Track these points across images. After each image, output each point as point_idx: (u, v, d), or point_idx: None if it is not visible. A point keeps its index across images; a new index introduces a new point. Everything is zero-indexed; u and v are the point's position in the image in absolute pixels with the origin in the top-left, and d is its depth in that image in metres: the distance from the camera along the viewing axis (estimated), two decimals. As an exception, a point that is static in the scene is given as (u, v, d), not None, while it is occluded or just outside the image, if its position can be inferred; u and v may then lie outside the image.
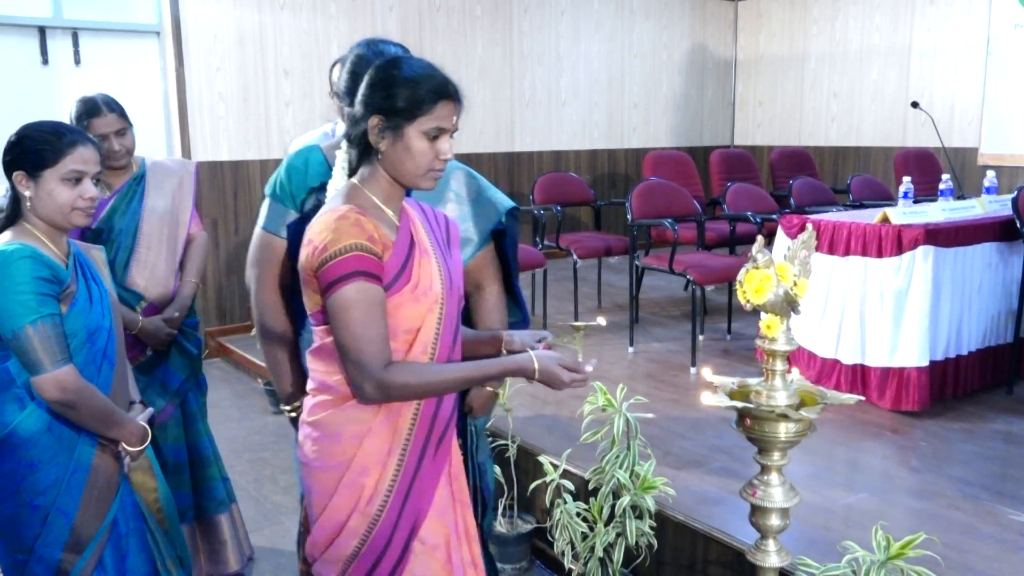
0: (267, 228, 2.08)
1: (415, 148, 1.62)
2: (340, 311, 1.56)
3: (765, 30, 8.53)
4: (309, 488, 1.72)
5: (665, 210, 5.04)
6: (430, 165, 1.65)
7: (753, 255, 1.80)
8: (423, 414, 1.69)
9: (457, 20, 6.84)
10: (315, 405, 1.71)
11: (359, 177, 1.71)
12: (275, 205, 2.07)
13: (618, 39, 7.96)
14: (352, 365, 1.57)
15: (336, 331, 1.58)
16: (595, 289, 6.00)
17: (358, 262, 1.56)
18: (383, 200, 1.68)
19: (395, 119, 1.61)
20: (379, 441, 1.66)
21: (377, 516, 1.65)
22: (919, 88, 7.28)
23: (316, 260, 1.57)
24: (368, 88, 1.65)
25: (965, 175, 6.81)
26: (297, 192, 2.04)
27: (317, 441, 1.68)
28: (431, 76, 1.65)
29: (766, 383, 1.83)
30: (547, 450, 3.13)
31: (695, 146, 8.47)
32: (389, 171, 1.66)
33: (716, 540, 2.67)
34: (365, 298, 1.56)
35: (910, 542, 2.09)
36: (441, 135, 1.65)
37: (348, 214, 1.59)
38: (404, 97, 1.60)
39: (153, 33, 5.66)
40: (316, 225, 1.61)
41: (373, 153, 1.67)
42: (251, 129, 5.98)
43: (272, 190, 2.09)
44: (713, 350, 4.78)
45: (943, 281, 3.80)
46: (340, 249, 1.55)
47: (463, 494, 1.84)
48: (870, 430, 3.61)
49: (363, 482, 1.65)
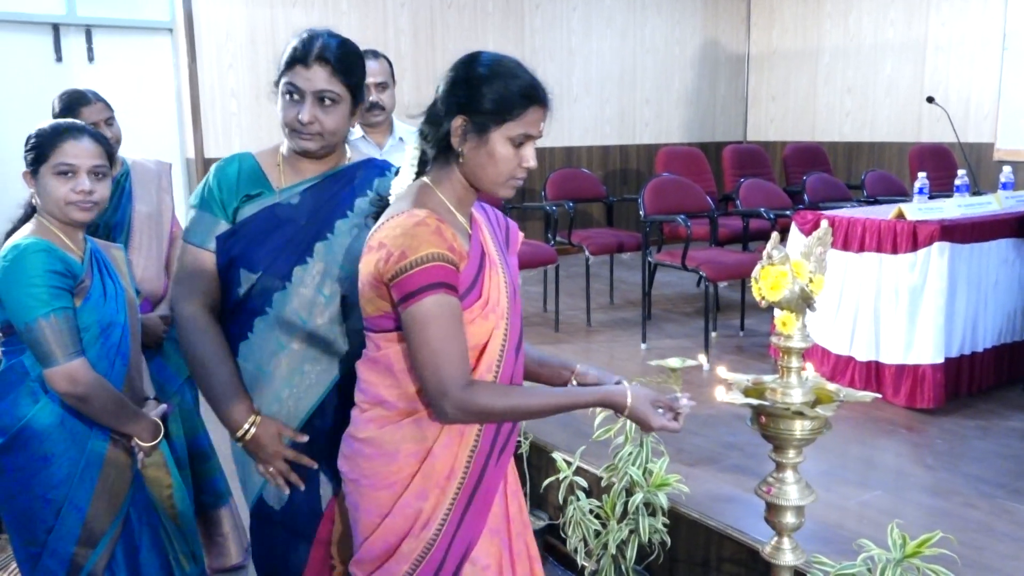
0: (193, 241, 1.82)
1: (499, 154, 1.53)
2: (419, 325, 1.46)
3: (778, 25, 8.48)
4: (356, 505, 1.63)
5: (677, 206, 5.02)
6: (512, 173, 1.56)
7: (768, 252, 1.79)
8: (485, 435, 1.61)
9: (468, 15, 6.84)
10: (367, 420, 1.61)
11: (431, 178, 1.61)
12: (203, 215, 1.82)
13: (630, 34, 7.93)
14: (431, 382, 1.48)
15: (414, 346, 1.48)
16: (607, 286, 5.99)
17: (440, 273, 1.46)
18: (456, 204, 1.59)
19: (481, 122, 1.52)
20: (440, 465, 1.57)
21: (432, 541, 1.57)
22: (934, 83, 7.22)
23: (391, 267, 1.46)
24: (452, 85, 1.55)
25: (981, 170, 6.76)
26: (228, 200, 1.82)
27: (370, 459, 1.59)
28: (522, 78, 1.54)
29: (781, 380, 1.82)
30: (560, 447, 3.12)
31: (707, 141, 8.44)
32: (467, 175, 1.57)
33: (730, 538, 2.65)
34: (445, 312, 1.47)
35: (926, 540, 2.08)
36: (527, 141, 1.55)
37: (428, 220, 1.48)
38: (492, 99, 1.50)
39: (166, 30, 5.68)
40: (390, 229, 1.50)
41: (451, 154, 1.57)
42: (263, 125, 5.99)
43: (199, 199, 1.84)
44: (726, 347, 4.76)
45: (958, 277, 3.77)
46: (421, 258, 1.45)
47: (522, 514, 1.75)
48: (884, 427, 3.59)
49: (421, 506, 1.57)
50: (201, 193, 1.84)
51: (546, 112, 1.57)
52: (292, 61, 1.77)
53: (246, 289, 1.79)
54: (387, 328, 1.56)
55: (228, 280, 1.81)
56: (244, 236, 1.79)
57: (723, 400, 1.80)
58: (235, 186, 1.83)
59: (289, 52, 1.79)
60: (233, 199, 1.82)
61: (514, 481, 1.73)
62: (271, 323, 1.79)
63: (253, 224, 1.79)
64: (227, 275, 1.81)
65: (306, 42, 1.77)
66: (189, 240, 1.82)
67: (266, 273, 1.78)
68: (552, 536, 3.12)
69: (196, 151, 5.72)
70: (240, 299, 1.80)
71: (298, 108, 1.76)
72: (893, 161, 7.50)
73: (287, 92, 1.78)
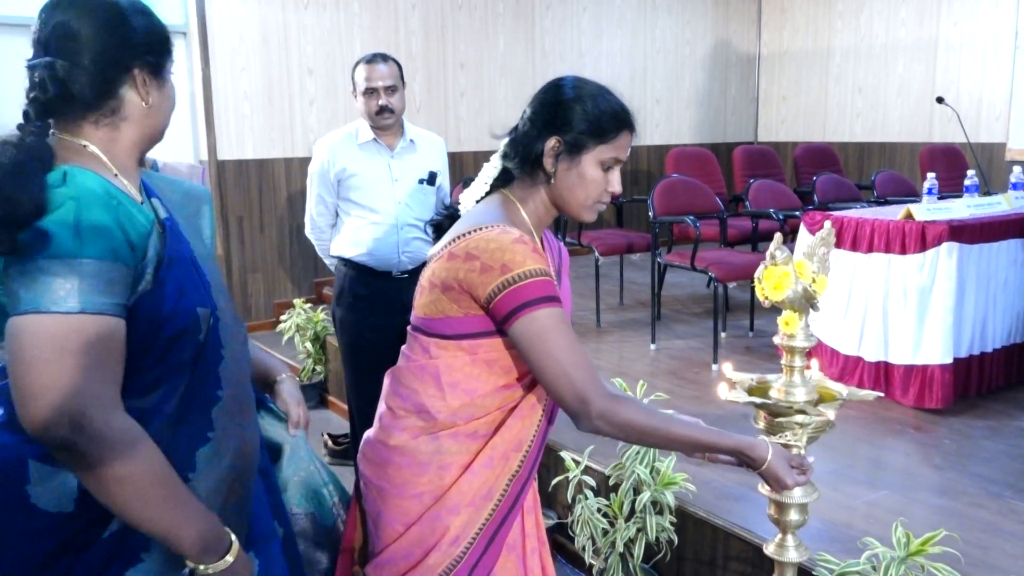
0: (93, 308, 1.16)
1: (589, 176, 1.56)
2: (539, 337, 1.45)
3: (789, 25, 8.48)
4: (379, 511, 1.60)
5: (687, 207, 5.04)
6: (599, 196, 1.59)
7: (772, 252, 1.81)
8: (527, 462, 1.59)
9: (479, 17, 6.87)
10: (401, 428, 1.58)
11: (516, 195, 1.62)
12: (100, 267, 1.16)
13: (640, 35, 7.95)
14: (567, 392, 1.45)
15: (537, 358, 1.46)
16: (617, 286, 6.01)
17: (549, 287, 1.47)
18: (535, 224, 1.61)
19: (574, 143, 1.54)
20: (479, 483, 1.56)
21: (459, 558, 1.55)
22: (945, 83, 7.21)
23: (492, 280, 1.46)
24: (544, 107, 1.58)
25: (992, 171, 6.74)
26: (138, 240, 1.23)
27: (399, 468, 1.57)
28: (615, 102, 1.58)
29: (785, 379, 1.84)
30: (569, 446, 3.14)
31: (718, 142, 8.45)
32: (553, 196, 1.59)
33: (736, 536, 2.67)
34: (563, 323, 1.47)
35: (930, 539, 2.10)
36: (615, 165, 1.58)
37: (525, 240, 1.49)
38: (587, 122, 1.54)
39: (180, 33, 5.73)
40: (482, 242, 1.49)
41: (538, 175, 1.58)
42: (275, 127, 6.04)
43: (95, 246, 1.16)
44: (735, 347, 4.78)
45: (967, 278, 3.77)
46: (528, 272, 1.45)
47: (539, 530, 1.73)
48: (893, 427, 3.60)
49: (451, 521, 1.55)
50: (92, 241, 1.19)
51: (633, 137, 1.60)
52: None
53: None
54: (442, 334, 1.55)
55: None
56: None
57: (726, 398, 1.82)
58: (134, 222, 1.26)
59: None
60: (141, 239, 1.28)
61: (532, 497, 1.72)
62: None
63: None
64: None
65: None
66: (86, 308, 1.16)
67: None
68: (561, 535, 3.14)
69: (209, 153, 5.78)
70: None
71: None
72: (905, 161, 7.49)
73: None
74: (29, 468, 1.22)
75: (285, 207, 6.14)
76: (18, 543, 1.22)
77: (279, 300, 6.14)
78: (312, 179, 3.30)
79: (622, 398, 1.49)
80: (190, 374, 1.30)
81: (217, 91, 5.76)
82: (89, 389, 1.13)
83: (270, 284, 6.19)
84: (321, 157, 3.24)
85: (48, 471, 1.22)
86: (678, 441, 1.54)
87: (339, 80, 6.17)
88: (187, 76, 5.75)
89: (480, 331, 1.53)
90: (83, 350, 1.14)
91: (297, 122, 6.13)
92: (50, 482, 1.22)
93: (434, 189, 3.30)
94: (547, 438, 1.69)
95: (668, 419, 1.54)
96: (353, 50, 6.16)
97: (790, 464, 1.61)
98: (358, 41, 6.27)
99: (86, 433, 1.12)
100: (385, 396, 1.65)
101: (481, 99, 6.88)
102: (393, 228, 3.19)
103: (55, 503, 1.22)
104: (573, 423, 1.50)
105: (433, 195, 3.31)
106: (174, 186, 1.50)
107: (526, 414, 1.60)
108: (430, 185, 3.28)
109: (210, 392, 1.33)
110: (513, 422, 1.58)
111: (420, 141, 3.31)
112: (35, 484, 1.22)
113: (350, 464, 3.49)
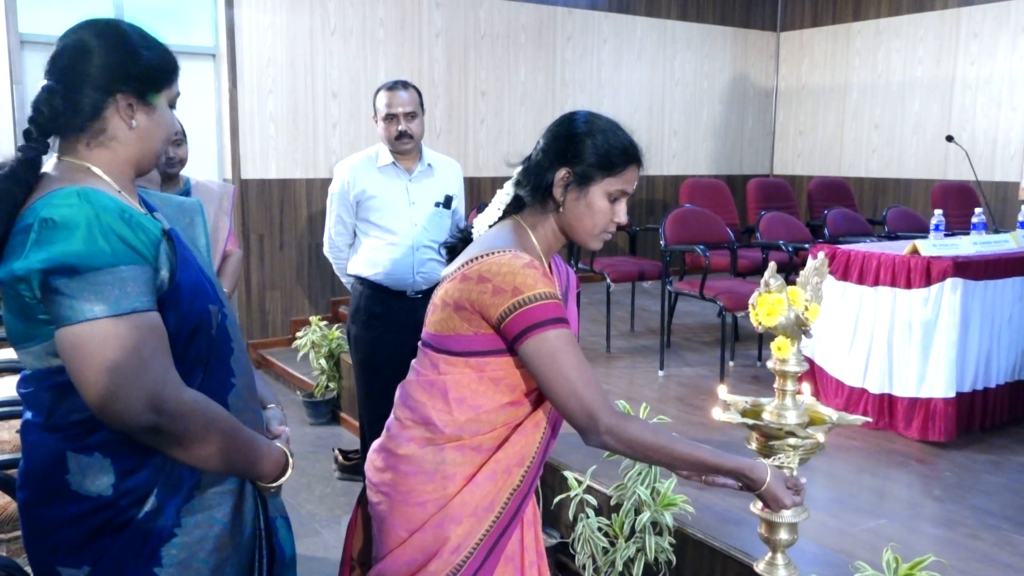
0: (142, 307, 1.28)
1: (597, 206, 1.63)
2: (548, 357, 1.52)
3: (807, 61, 8.58)
4: (384, 517, 1.67)
5: (698, 236, 5.12)
6: (605, 226, 1.66)
7: (766, 280, 1.89)
8: (528, 477, 1.66)
9: (502, 47, 7.02)
10: (408, 438, 1.66)
11: (527, 221, 1.70)
12: (134, 271, 1.29)
13: (659, 67, 8.08)
14: (576, 410, 1.53)
15: (546, 377, 1.53)
16: (628, 313, 6.08)
17: (558, 309, 1.55)
18: (545, 250, 1.70)
19: (584, 175, 1.62)
20: (481, 494, 1.62)
21: (459, 567, 1.61)
22: (961, 121, 7.27)
23: (504, 302, 1.53)
24: (558, 139, 1.66)
25: (1006, 209, 6.78)
26: (153, 248, 1.34)
27: (406, 476, 1.64)
28: (623, 138, 1.65)
29: (777, 402, 1.91)
30: (572, 466, 3.21)
31: (735, 174, 8.54)
32: (562, 223, 1.67)
33: (734, 559, 2.73)
34: (571, 343, 1.54)
35: (919, 563, 2.15)
36: (621, 197, 1.66)
37: (536, 264, 1.57)
38: (597, 155, 1.62)
39: (209, 56, 5.91)
40: (494, 265, 1.57)
41: (548, 203, 1.67)
42: (299, 149, 6.20)
43: (126, 254, 1.29)
44: (743, 376, 4.83)
45: (972, 313, 3.82)
46: (538, 295, 1.53)
47: (537, 543, 1.79)
48: (896, 459, 3.64)
49: (453, 530, 1.61)
50: (114, 245, 1.31)
51: (640, 171, 1.68)
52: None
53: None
54: (451, 350, 1.62)
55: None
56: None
57: (720, 419, 1.89)
58: (143, 226, 1.39)
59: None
60: (150, 242, 1.38)
61: (532, 511, 1.78)
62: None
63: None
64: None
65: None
66: (126, 310, 1.28)
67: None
68: (563, 554, 3.20)
69: (233, 172, 5.93)
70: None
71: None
72: (919, 198, 7.54)
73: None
74: (68, 460, 1.34)
75: (305, 227, 6.28)
76: (60, 528, 1.35)
77: (296, 317, 6.25)
78: (332, 200, 3.41)
79: (629, 417, 1.56)
80: (204, 367, 1.42)
81: (243, 112, 5.92)
82: (158, 375, 1.27)
83: (287, 301, 6.31)
84: (341, 179, 3.36)
85: (85, 461, 1.34)
86: (681, 459, 1.58)
87: (363, 105, 6.32)
88: (215, 96, 5.92)
89: (488, 349, 1.61)
90: (143, 344, 1.26)
91: (320, 144, 6.28)
92: (88, 471, 1.34)
93: (450, 212, 3.41)
94: (548, 455, 1.77)
95: (672, 438, 1.59)
96: (378, 76, 6.31)
97: (787, 485, 1.68)
98: (382, 68, 6.42)
99: (167, 412, 1.26)
100: (395, 407, 1.73)
101: (500, 126, 7.02)
102: (409, 249, 3.30)
103: (95, 489, 1.34)
104: (581, 438, 1.57)
105: (449, 218, 3.41)
106: (167, 201, 1.64)
107: (529, 431, 1.68)
108: (446, 208, 3.38)
109: (225, 381, 1.46)
110: (517, 438, 1.66)
111: (437, 165, 3.42)
112: (74, 474, 1.34)
113: (359, 479, 3.57)
